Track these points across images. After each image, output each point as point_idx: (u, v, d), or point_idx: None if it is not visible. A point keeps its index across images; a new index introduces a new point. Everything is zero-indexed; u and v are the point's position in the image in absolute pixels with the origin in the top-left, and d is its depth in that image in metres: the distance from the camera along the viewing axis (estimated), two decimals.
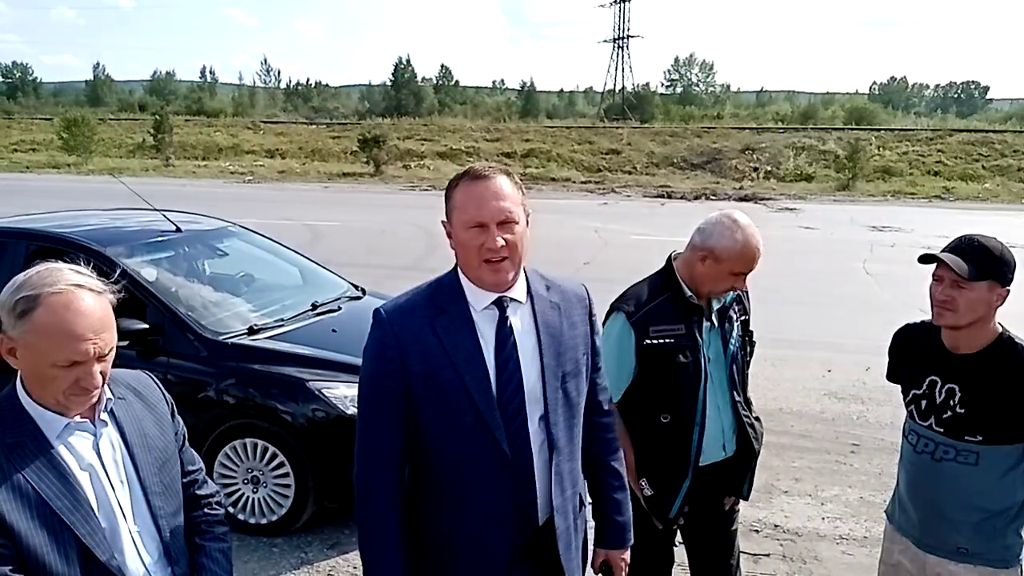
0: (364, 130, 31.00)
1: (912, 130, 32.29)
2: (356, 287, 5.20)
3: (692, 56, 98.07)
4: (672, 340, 2.33)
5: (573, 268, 10.59)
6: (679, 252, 2.47)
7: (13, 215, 5.22)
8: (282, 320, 4.36)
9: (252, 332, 4.15)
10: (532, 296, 1.81)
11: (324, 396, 3.82)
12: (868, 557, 3.71)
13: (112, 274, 1.55)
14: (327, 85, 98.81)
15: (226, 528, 1.79)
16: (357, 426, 1.81)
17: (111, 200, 6.99)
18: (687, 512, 2.45)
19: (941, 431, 2.08)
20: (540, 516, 1.82)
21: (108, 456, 1.54)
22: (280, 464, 3.90)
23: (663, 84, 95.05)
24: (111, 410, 1.57)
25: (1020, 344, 2.01)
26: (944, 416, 2.07)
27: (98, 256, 4.09)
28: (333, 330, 4.39)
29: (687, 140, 32.21)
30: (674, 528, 2.49)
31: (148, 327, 3.93)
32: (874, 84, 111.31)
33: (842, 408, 5.86)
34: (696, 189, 23.54)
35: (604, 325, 2.38)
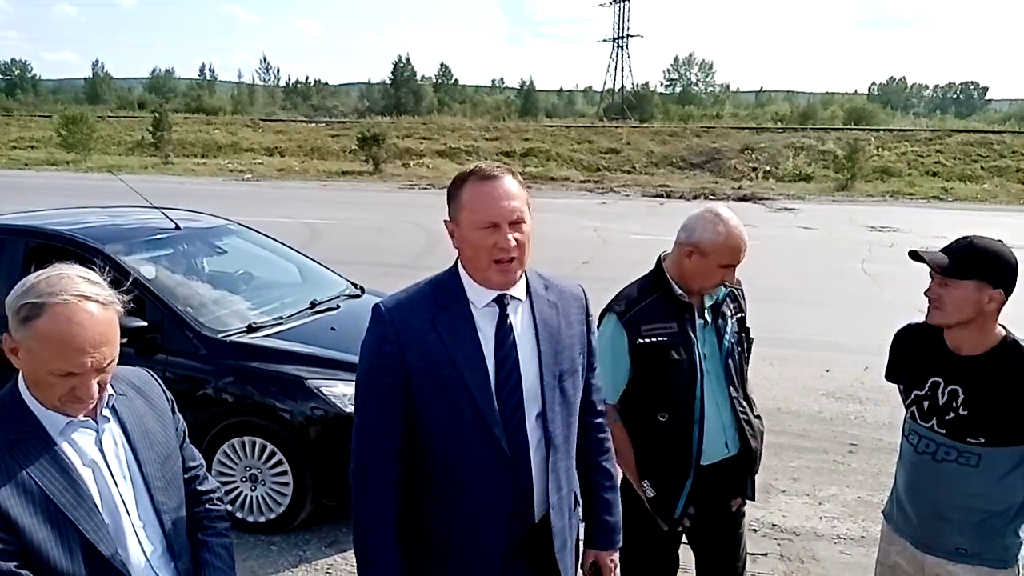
0: (363, 128, 30.97)
1: (911, 130, 32.30)
2: (355, 285, 5.20)
3: (692, 56, 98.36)
4: (665, 338, 2.34)
5: (572, 267, 10.59)
6: (668, 252, 2.49)
7: (12, 212, 5.21)
8: (281, 318, 4.36)
9: (251, 330, 4.15)
10: (531, 295, 1.81)
11: (323, 394, 3.82)
12: (865, 557, 3.72)
13: (122, 280, 1.55)
14: (326, 83, 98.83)
15: (228, 523, 1.80)
16: (355, 421, 1.80)
17: (110, 197, 6.99)
18: (692, 514, 2.44)
19: (943, 432, 2.07)
20: (536, 513, 1.83)
21: (111, 452, 1.54)
22: (278, 462, 3.90)
23: (662, 84, 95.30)
24: (113, 406, 1.58)
25: None
26: (947, 418, 2.06)
27: (97, 253, 4.08)
28: (332, 328, 4.39)
29: (686, 140, 32.22)
30: (679, 530, 2.48)
31: (147, 325, 3.93)
32: (873, 84, 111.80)
33: (840, 408, 5.87)
34: (695, 189, 23.55)
35: (598, 327, 2.38)
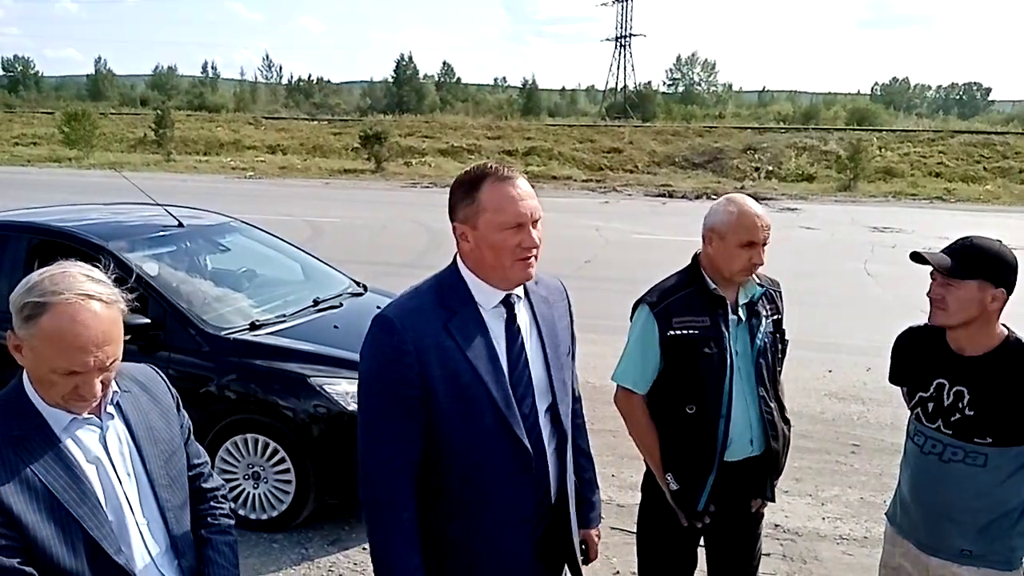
0: (366, 127, 31.01)
1: (914, 131, 32.30)
2: (357, 283, 5.20)
3: (694, 55, 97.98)
4: (696, 331, 2.35)
5: (574, 267, 10.59)
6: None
7: (15, 209, 5.22)
8: (284, 316, 4.36)
9: (254, 327, 4.15)
10: (528, 292, 1.85)
11: (325, 392, 3.82)
12: (868, 557, 3.72)
13: (125, 277, 1.55)
14: (329, 81, 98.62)
15: (232, 521, 1.80)
16: (367, 435, 1.73)
17: (112, 194, 6.99)
18: (713, 512, 2.43)
19: (950, 433, 2.07)
20: (553, 506, 1.89)
21: (115, 449, 1.54)
22: (281, 460, 3.90)
23: (665, 83, 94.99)
24: (117, 403, 1.58)
25: None
26: (953, 419, 2.06)
27: (100, 250, 4.08)
28: (335, 326, 4.39)
29: (689, 139, 32.21)
30: (699, 527, 2.47)
31: (150, 322, 3.93)
32: (876, 85, 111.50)
33: (842, 408, 5.87)
34: (697, 188, 23.55)
35: (631, 319, 2.46)
